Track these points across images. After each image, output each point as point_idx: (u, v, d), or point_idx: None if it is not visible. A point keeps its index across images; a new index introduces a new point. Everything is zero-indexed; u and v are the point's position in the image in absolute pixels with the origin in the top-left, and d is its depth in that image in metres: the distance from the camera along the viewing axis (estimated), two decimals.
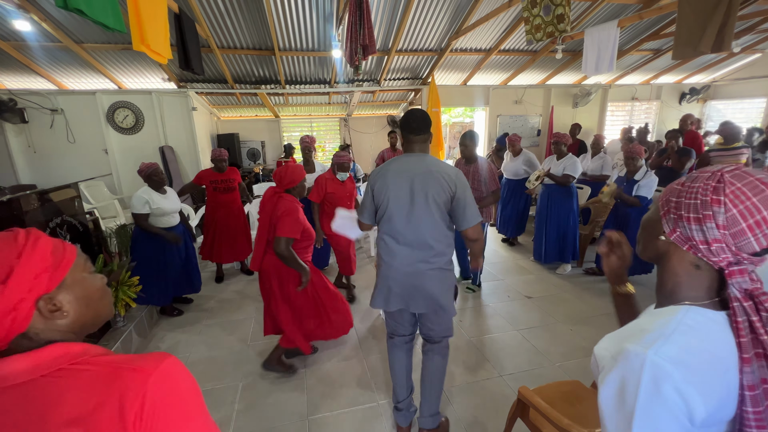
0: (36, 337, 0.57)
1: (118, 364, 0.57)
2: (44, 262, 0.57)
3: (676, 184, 0.67)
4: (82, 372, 0.56)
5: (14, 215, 2.28)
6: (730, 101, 7.61)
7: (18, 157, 5.12)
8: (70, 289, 0.60)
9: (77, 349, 0.58)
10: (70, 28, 4.08)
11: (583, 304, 3.36)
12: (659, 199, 0.70)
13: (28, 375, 0.54)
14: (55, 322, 0.58)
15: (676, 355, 0.57)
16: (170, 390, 0.57)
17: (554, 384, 1.77)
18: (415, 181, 1.71)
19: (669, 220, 0.66)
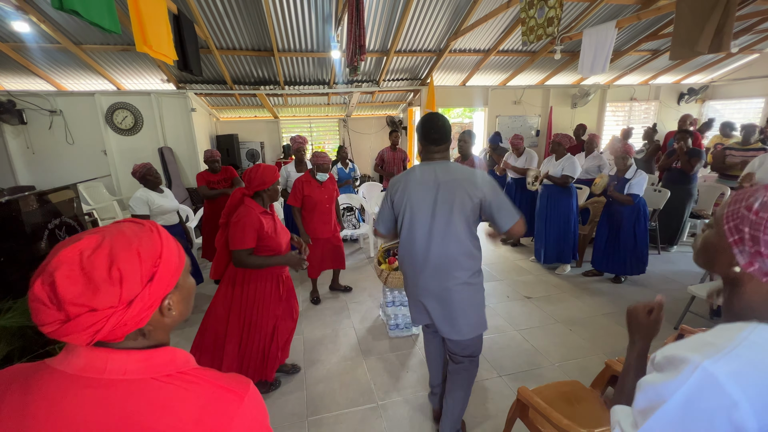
0: (149, 334, 0.59)
1: (216, 382, 0.59)
2: (176, 262, 0.60)
3: (746, 207, 0.63)
4: (189, 384, 0.57)
5: (13, 216, 2.27)
6: (729, 101, 7.63)
7: (17, 159, 5.12)
8: (180, 288, 0.62)
9: (182, 356, 0.61)
10: (69, 29, 4.08)
11: (582, 304, 3.36)
12: (722, 220, 0.67)
13: (140, 373, 0.55)
14: (164, 321, 0.60)
15: (737, 368, 0.56)
16: (257, 414, 0.60)
17: (553, 384, 1.77)
18: (438, 191, 1.61)
19: (743, 251, 0.64)
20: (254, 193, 2.05)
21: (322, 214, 3.24)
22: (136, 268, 0.54)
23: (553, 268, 4.14)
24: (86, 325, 0.50)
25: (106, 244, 0.53)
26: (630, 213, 3.53)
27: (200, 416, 0.54)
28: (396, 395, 2.31)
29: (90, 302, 0.50)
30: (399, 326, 2.92)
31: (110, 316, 0.51)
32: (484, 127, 7.17)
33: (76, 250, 0.52)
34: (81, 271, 0.51)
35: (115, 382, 0.54)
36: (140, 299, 0.54)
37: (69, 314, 0.50)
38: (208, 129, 6.48)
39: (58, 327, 0.50)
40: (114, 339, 0.54)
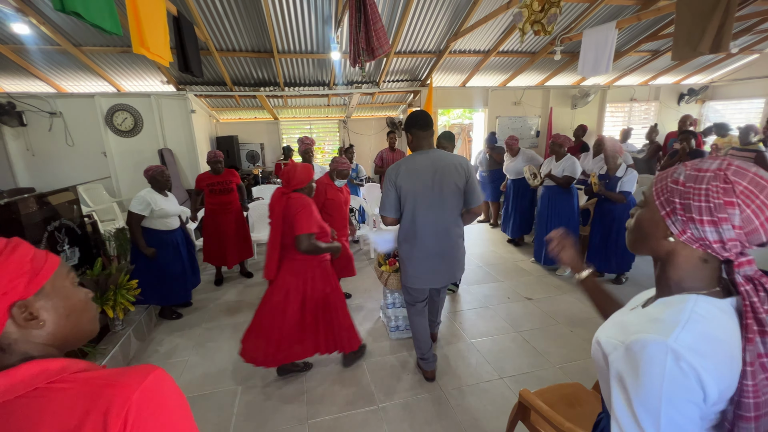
0: (9, 348, 0.54)
1: (100, 380, 0.54)
2: (21, 268, 0.55)
3: (672, 181, 0.68)
4: (61, 391, 0.52)
5: (12, 218, 2.27)
6: (729, 102, 7.63)
7: (16, 161, 5.12)
8: (49, 298, 0.57)
9: (55, 365, 0.54)
10: (69, 31, 4.08)
11: (583, 305, 3.35)
12: (652, 197, 0.71)
13: (2, 396, 0.50)
14: (31, 333, 0.55)
15: (692, 343, 0.61)
16: (156, 407, 0.54)
17: (555, 386, 1.76)
18: (436, 174, 2.03)
19: (676, 221, 0.67)
20: (292, 191, 2.18)
21: (341, 218, 3.20)
22: None
23: (553, 269, 4.13)
24: None
25: None
26: (621, 212, 3.56)
27: (81, 419, 0.50)
28: (397, 397, 2.30)
29: None
30: (399, 328, 2.91)
31: None
32: (484, 128, 7.17)
33: None
34: None
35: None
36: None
37: None
38: (207, 130, 6.48)
39: None
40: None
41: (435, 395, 2.31)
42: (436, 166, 2.03)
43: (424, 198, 2.04)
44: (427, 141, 2.07)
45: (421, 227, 2.09)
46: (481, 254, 4.76)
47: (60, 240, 2.63)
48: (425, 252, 2.13)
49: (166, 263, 3.09)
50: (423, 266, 2.17)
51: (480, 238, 5.49)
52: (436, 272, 2.20)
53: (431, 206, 2.06)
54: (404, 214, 2.11)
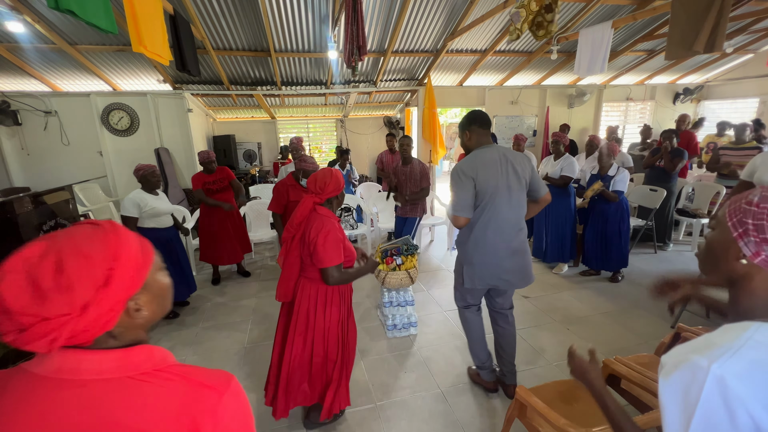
0: (120, 335, 0.58)
1: (194, 377, 0.58)
2: (137, 263, 0.58)
3: (746, 202, 0.66)
4: (166, 381, 0.56)
5: (7, 218, 2.26)
6: (724, 101, 7.68)
7: (11, 160, 5.08)
8: (149, 288, 0.60)
9: (159, 354, 0.60)
10: (64, 29, 4.05)
11: (580, 303, 3.38)
12: (725, 218, 0.69)
13: (116, 372, 0.55)
14: (135, 321, 0.59)
15: (742, 370, 0.56)
16: (238, 409, 0.59)
17: (551, 384, 1.77)
18: (509, 166, 1.99)
19: (749, 242, 0.65)
20: (326, 199, 1.87)
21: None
22: (85, 272, 0.52)
23: (550, 268, 4.15)
24: (41, 334, 0.49)
25: (52, 251, 0.52)
26: (615, 211, 3.61)
27: (178, 413, 0.54)
28: (395, 396, 2.30)
29: (39, 312, 0.49)
30: (397, 326, 2.92)
31: (64, 324, 0.50)
32: None
33: (20, 259, 0.51)
34: (26, 280, 0.50)
35: (90, 383, 0.53)
36: (96, 304, 0.52)
37: (22, 324, 0.49)
38: (204, 130, 6.46)
39: (16, 336, 0.50)
40: (78, 344, 0.53)
41: (433, 393, 2.31)
42: (507, 159, 1.99)
43: (501, 192, 1.97)
44: (487, 138, 2.05)
45: (499, 223, 1.99)
46: None
47: None
48: (502, 249, 2.02)
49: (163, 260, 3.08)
50: (498, 265, 2.04)
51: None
52: (512, 272, 2.06)
53: (509, 200, 1.99)
54: (480, 211, 1.99)
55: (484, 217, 1.99)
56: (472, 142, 2.05)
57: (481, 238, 2.02)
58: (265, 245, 5.28)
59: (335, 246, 1.78)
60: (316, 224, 1.78)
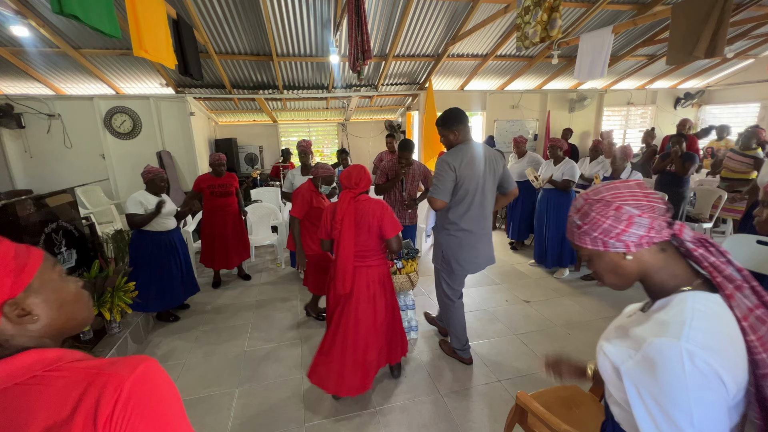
0: (7, 344, 0.56)
1: (94, 369, 0.55)
2: (5, 267, 0.55)
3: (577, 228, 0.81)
4: (56, 379, 0.54)
5: (10, 220, 2.27)
6: (725, 106, 7.69)
7: (14, 163, 5.11)
8: (39, 292, 0.58)
9: (52, 355, 0.56)
10: (68, 33, 4.09)
11: (581, 308, 3.36)
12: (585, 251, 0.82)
13: (1, 383, 0.52)
14: (26, 327, 0.57)
15: (703, 340, 0.64)
16: (147, 396, 0.55)
17: (552, 389, 1.76)
18: (488, 162, 2.25)
19: (613, 244, 0.76)
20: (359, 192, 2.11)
21: None
22: None
23: (551, 272, 4.14)
24: None
25: None
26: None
27: (75, 407, 0.51)
28: (394, 400, 2.29)
29: None
30: None
31: None
32: (483, 132, 7.20)
33: None
34: None
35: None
36: None
37: None
38: (206, 133, 6.49)
39: None
40: None
41: (433, 398, 2.30)
42: (487, 155, 2.25)
43: (480, 184, 2.24)
44: (469, 134, 2.29)
45: (477, 212, 2.28)
46: None
47: (57, 242, 2.62)
48: (477, 236, 2.33)
49: (162, 264, 3.09)
50: (475, 250, 2.35)
51: None
52: (484, 256, 2.40)
53: (484, 192, 2.27)
54: (460, 200, 2.26)
55: (468, 206, 2.26)
56: (459, 139, 2.26)
57: (459, 224, 2.31)
58: (266, 248, 5.28)
59: (395, 218, 2.09)
60: (372, 206, 2.04)
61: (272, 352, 2.82)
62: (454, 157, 2.20)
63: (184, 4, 3.68)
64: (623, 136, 7.87)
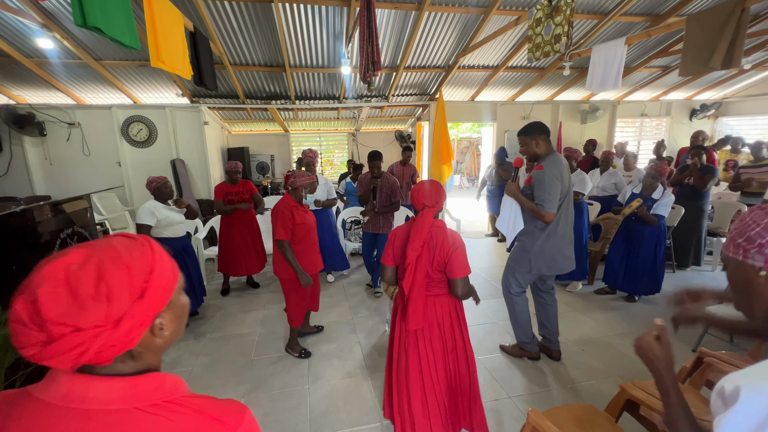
0: (139, 356, 0.56)
1: (206, 411, 0.55)
2: (168, 279, 0.56)
3: (730, 233, 0.73)
4: (177, 414, 0.53)
5: (27, 225, 2.32)
6: (743, 118, 7.53)
7: (35, 169, 5.26)
8: (172, 308, 0.58)
9: (170, 383, 0.56)
10: (90, 45, 4.24)
11: (594, 323, 3.27)
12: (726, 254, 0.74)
13: (124, 403, 0.51)
14: (155, 342, 0.56)
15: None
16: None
17: (565, 407, 1.70)
18: (569, 172, 2.46)
19: (753, 255, 0.68)
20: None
21: (312, 245, 2.75)
22: (125, 283, 0.50)
23: (563, 285, 4.05)
24: (70, 347, 0.47)
25: (94, 258, 0.50)
26: (651, 233, 3.47)
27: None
28: None
29: (75, 321, 0.47)
30: None
31: (96, 336, 0.48)
32: (493, 142, 7.17)
33: (61, 264, 0.49)
34: (66, 287, 0.47)
35: (96, 413, 0.50)
36: (129, 317, 0.50)
37: (51, 335, 0.46)
38: (219, 142, 6.61)
39: (40, 350, 0.47)
40: (101, 362, 0.50)
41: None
42: (567, 165, 2.44)
43: (568, 192, 2.41)
44: (551, 145, 2.44)
45: (566, 219, 2.45)
46: (489, 269, 4.70)
47: None
48: (566, 242, 2.47)
49: None
50: (561, 255, 2.47)
51: (488, 252, 5.44)
52: (568, 259, 2.50)
53: (569, 200, 2.43)
54: (561, 205, 2.40)
55: (559, 213, 2.39)
56: (541, 149, 2.40)
57: (554, 230, 2.42)
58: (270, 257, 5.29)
59: (465, 257, 1.76)
60: (448, 237, 1.75)
61: (279, 362, 2.81)
62: (557, 168, 2.32)
63: (201, 16, 3.78)
64: (637, 148, 7.75)
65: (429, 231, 1.74)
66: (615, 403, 1.73)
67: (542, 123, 2.43)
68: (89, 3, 1.76)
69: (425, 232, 1.72)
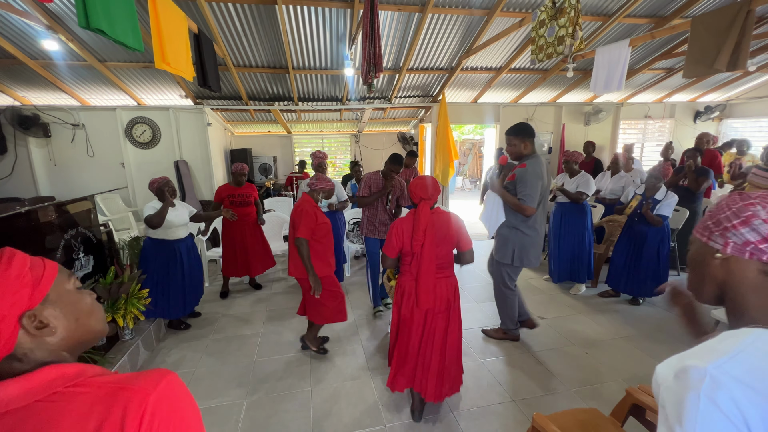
0: (26, 357, 0.56)
1: (116, 384, 0.55)
2: (22, 278, 0.55)
3: (704, 216, 0.74)
4: (79, 395, 0.53)
5: (32, 226, 2.32)
6: (747, 120, 7.48)
7: (39, 170, 5.29)
8: (56, 304, 0.58)
9: (72, 370, 0.56)
10: (95, 47, 4.27)
11: (598, 326, 3.25)
12: (693, 237, 0.75)
13: (22, 400, 0.52)
14: (44, 340, 0.56)
15: (738, 374, 0.56)
16: (170, 410, 0.55)
17: (570, 411, 1.68)
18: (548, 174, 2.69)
19: (715, 237, 0.69)
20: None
21: (330, 246, 2.74)
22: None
23: (566, 288, 4.03)
24: None
25: None
26: (655, 234, 3.44)
27: (99, 423, 0.51)
28: (405, 417, 2.23)
29: None
30: None
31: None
32: (496, 144, 7.16)
33: None
34: None
35: (1, 416, 0.51)
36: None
37: None
38: (222, 143, 6.63)
39: None
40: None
41: (444, 417, 2.23)
42: (546, 166, 2.66)
43: (546, 191, 2.65)
44: (534, 147, 2.69)
45: (542, 216, 2.68)
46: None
47: (76, 248, 2.67)
48: (541, 236, 2.73)
49: (166, 273, 3.10)
50: (539, 247, 2.73)
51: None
52: (538, 255, 2.76)
53: (546, 198, 2.67)
54: (537, 205, 2.59)
55: (541, 210, 2.63)
56: (528, 150, 2.63)
57: (533, 225, 2.65)
58: (276, 258, 5.29)
59: (467, 232, 2.11)
60: (448, 217, 2.06)
61: (282, 363, 2.80)
62: (538, 168, 2.56)
63: (205, 18, 3.80)
64: (641, 150, 7.72)
65: (428, 219, 1.99)
66: (621, 408, 1.71)
67: (530, 125, 2.65)
68: (93, 5, 1.77)
69: (424, 222, 1.98)
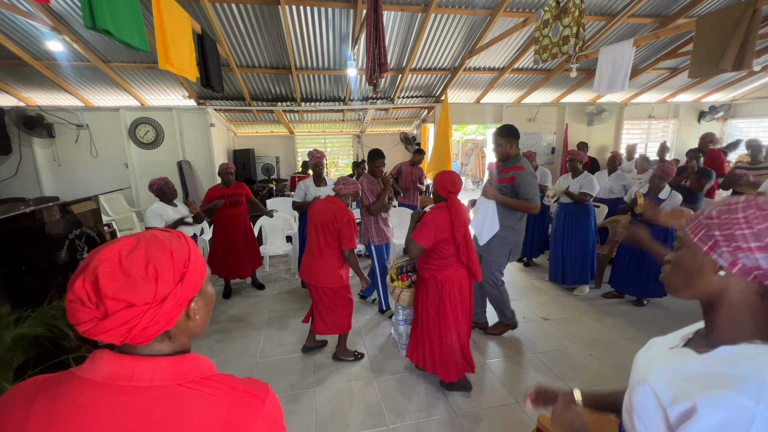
0: (174, 337, 0.62)
1: (238, 386, 0.61)
2: (201, 267, 0.63)
3: (705, 217, 0.66)
4: (214, 389, 0.59)
5: (36, 226, 2.33)
6: (752, 120, 7.44)
7: (43, 170, 5.31)
8: (203, 294, 0.64)
9: (206, 363, 0.63)
10: (99, 48, 4.28)
11: (602, 327, 3.23)
12: (688, 236, 0.68)
13: (167, 380, 0.57)
14: (188, 325, 0.63)
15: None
16: (276, 415, 0.63)
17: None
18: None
19: (722, 253, 0.63)
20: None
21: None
22: (169, 266, 0.57)
23: (570, 289, 4.01)
24: (122, 322, 0.53)
25: (142, 245, 0.57)
26: (658, 235, 3.41)
27: (226, 419, 0.56)
28: (408, 418, 2.22)
29: (128, 297, 0.53)
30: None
31: (145, 312, 0.54)
32: None
33: (115, 249, 0.56)
34: (120, 268, 0.54)
35: (142, 389, 0.55)
36: (172, 297, 0.56)
37: (107, 310, 0.52)
38: (225, 143, 6.64)
39: (94, 325, 0.53)
40: (143, 340, 0.56)
41: (448, 418, 2.22)
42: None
43: None
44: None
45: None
46: None
47: (80, 248, 2.68)
48: (522, 233, 2.91)
49: None
50: (519, 243, 2.90)
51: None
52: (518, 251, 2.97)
53: None
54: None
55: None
56: (514, 151, 2.76)
57: (522, 223, 2.84)
58: (279, 258, 5.30)
59: None
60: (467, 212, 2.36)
61: (285, 363, 2.80)
62: (530, 167, 2.73)
63: (208, 19, 3.81)
64: (645, 150, 7.68)
65: (467, 210, 2.27)
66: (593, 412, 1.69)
67: (515, 127, 2.75)
68: (98, 6, 1.78)
69: (463, 212, 2.22)
